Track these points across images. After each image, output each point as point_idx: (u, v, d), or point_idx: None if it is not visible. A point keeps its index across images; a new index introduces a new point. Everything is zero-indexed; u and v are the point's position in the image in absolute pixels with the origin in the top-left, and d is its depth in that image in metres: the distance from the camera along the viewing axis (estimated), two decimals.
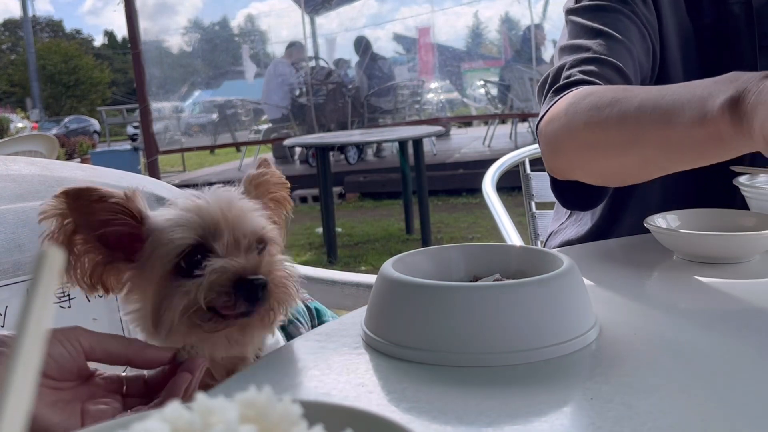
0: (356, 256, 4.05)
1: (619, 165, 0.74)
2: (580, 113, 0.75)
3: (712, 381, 0.44)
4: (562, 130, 0.77)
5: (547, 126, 0.80)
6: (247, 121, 8.01)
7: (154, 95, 6.59)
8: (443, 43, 8.28)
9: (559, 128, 0.78)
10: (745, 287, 0.64)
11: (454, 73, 8.18)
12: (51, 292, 0.20)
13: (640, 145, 0.69)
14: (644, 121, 0.67)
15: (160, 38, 7.68)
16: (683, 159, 0.68)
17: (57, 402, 0.48)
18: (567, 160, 0.80)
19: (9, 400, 0.18)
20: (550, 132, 0.79)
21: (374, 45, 7.68)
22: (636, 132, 0.68)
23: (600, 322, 0.53)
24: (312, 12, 8.54)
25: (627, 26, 0.86)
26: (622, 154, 0.72)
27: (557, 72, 0.84)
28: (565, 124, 0.77)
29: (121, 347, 0.50)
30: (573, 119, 0.75)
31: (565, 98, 0.78)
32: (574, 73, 0.82)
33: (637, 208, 0.96)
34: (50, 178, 0.84)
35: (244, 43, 8.50)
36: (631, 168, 0.74)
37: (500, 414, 0.41)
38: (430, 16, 8.16)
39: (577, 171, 0.81)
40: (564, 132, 0.77)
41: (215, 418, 0.25)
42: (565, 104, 0.77)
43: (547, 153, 0.81)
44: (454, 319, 0.48)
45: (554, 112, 0.79)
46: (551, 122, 0.79)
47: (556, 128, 0.78)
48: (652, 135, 0.67)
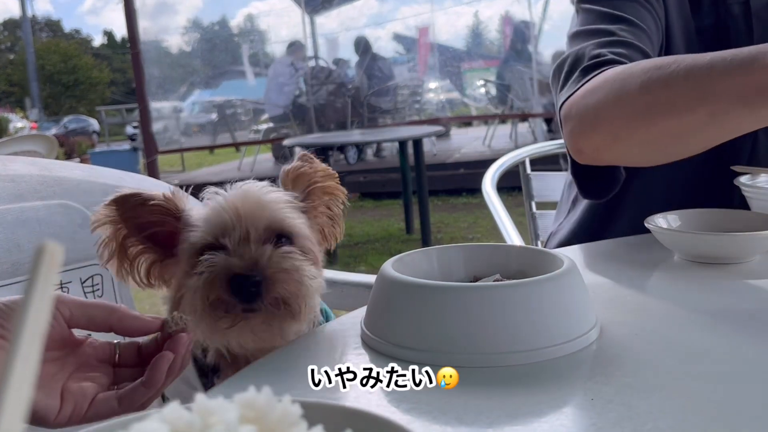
0: (356, 256, 4.05)
1: (680, 126, 0.70)
2: (635, 76, 0.71)
3: (713, 381, 0.44)
4: (607, 100, 0.73)
5: (581, 101, 0.76)
6: (247, 121, 8.01)
7: (153, 95, 6.59)
8: (443, 43, 8.28)
9: (602, 98, 0.73)
10: (746, 287, 0.64)
11: (454, 73, 8.18)
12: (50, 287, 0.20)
13: (711, 100, 0.66)
14: (718, 71, 0.65)
15: (159, 38, 7.68)
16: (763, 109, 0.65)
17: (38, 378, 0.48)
18: (607, 134, 0.75)
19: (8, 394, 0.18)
20: (589, 105, 0.75)
21: (374, 45, 7.68)
22: (708, 84, 0.66)
23: (600, 322, 0.53)
24: (312, 12, 8.54)
25: (644, 16, 0.85)
26: (688, 111, 0.68)
27: (578, 55, 0.81)
28: (612, 92, 0.72)
29: (104, 314, 0.49)
30: (624, 85, 0.71)
31: (606, 73, 0.74)
32: (603, 53, 0.79)
33: (635, 207, 0.96)
34: (49, 178, 0.84)
35: (243, 43, 8.50)
36: (694, 127, 0.70)
37: (500, 414, 0.41)
38: (430, 16, 8.17)
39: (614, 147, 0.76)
40: (610, 101, 0.73)
41: (215, 419, 0.25)
42: (608, 76, 0.74)
43: (581, 130, 0.77)
44: (454, 319, 0.48)
45: (593, 86, 0.75)
46: (587, 96, 0.75)
47: (597, 100, 0.74)
48: (729, 84, 0.64)
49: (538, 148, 1.44)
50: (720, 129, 0.70)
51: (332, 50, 8.64)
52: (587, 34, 0.84)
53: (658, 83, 0.69)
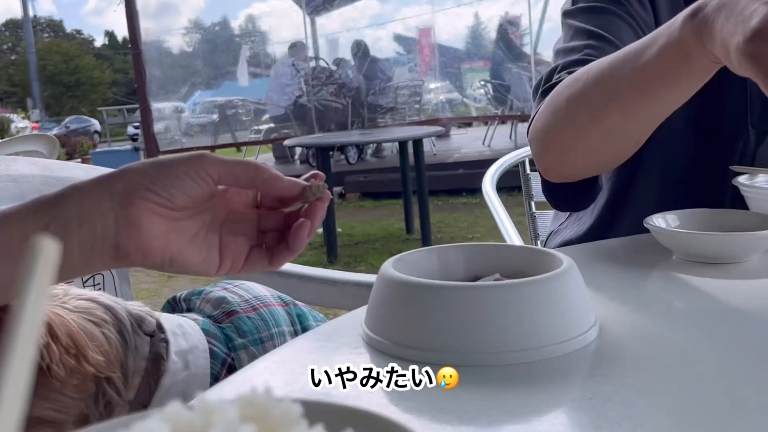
0: (356, 256, 4.05)
1: (605, 129, 0.73)
2: (560, 94, 0.75)
3: (712, 381, 0.44)
4: (547, 119, 0.77)
5: (535, 125, 0.80)
6: (248, 121, 8.02)
7: (154, 95, 6.60)
8: (444, 44, 8.29)
9: (544, 119, 0.78)
10: (745, 287, 0.64)
11: (454, 73, 8.18)
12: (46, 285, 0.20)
13: (618, 98, 0.69)
14: (617, 69, 0.67)
15: (160, 39, 7.68)
16: (659, 95, 0.67)
17: (195, 237, 0.50)
18: (557, 151, 0.80)
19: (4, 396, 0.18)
20: (538, 128, 0.79)
21: (375, 45, 7.70)
22: (612, 85, 0.68)
23: (600, 321, 0.53)
24: (313, 13, 8.55)
25: (620, 27, 0.86)
26: (604, 115, 0.71)
27: (549, 74, 0.85)
28: (549, 112, 0.77)
29: (249, 173, 0.49)
30: (555, 103, 0.75)
31: (550, 94, 0.79)
32: (563, 75, 0.82)
33: (636, 207, 0.96)
34: (51, 178, 0.84)
35: (244, 43, 8.50)
36: (617, 127, 0.73)
37: (500, 413, 0.41)
38: (430, 17, 8.17)
39: (567, 163, 0.80)
40: (549, 120, 0.77)
41: (215, 417, 0.25)
42: (550, 96, 0.78)
43: (538, 152, 0.81)
44: (454, 318, 0.48)
45: (542, 108, 0.80)
46: (537, 119, 0.80)
47: (542, 121, 0.78)
48: (626, 80, 0.66)
49: None
50: (640, 120, 0.72)
51: (333, 51, 8.65)
52: (563, 53, 0.87)
53: (575, 96, 0.73)
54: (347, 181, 6.11)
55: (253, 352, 0.71)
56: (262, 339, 0.73)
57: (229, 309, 0.74)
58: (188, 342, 0.68)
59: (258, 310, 0.76)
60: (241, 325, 0.73)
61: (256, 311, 0.75)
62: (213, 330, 0.72)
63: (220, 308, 0.75)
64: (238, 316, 0.74)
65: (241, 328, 0.73)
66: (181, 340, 0.67)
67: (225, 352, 0.71)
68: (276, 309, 0.78)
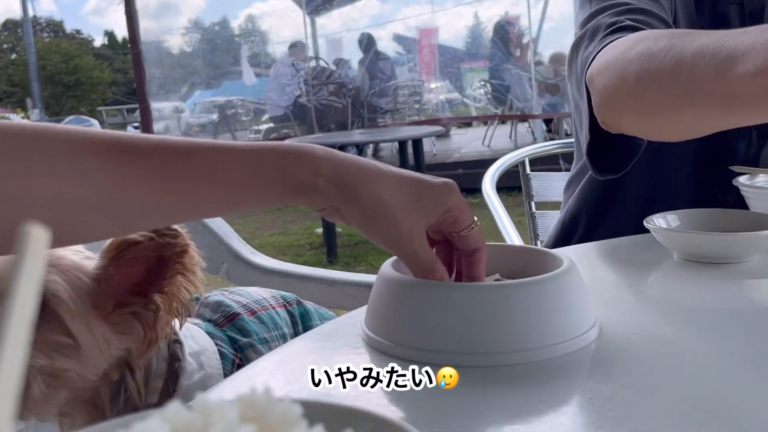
0: (356, 256, 4.05)
1: (678, 121, 0.67)
2: (631, 62, 0.67)
3: (713, 381, 0.44)
4: (613, 82, 0.70)
5: (598, 77, 0.73)
6: (248, 121, 8.01)
7: (154, 95, 6.60)
8: (444, 43, 8.28)
9: (610, 79, 0.70)
10: (745, 287, 0.64)
11: (454, 73, 8.17)
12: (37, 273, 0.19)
13: (696, 101, 0.62)
14: (700, 70, 0.60)
15: (160, 38, 7.68)
16: (743, 113, 0.61)
17: None
18: (617, 114, 0.73)
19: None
20: (601, 85, 0.72)
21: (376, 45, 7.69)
22: (691, 87, 0.62)
23: (600, 322, 0.53)
24: (313, 12, 8.54)
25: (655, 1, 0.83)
26: (678, 110, 0.65)
27: (596, 26, 0.78)
28: (617, 76, 0.69)
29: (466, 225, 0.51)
30: (625, 70, 0.68)
31: (615, 43, 0.71)
32: (621, 20, 0.75)
33: (632, 208, 0.96)
34: None
35: (244, 43, 8.50)
36: (687, 125, 0.68)
37: (500, 414, 0.41)
38: (431, 17, 8.16)
39: (632, 125, 0.73)
40: (615, 84, 0.70)
41: (215, 418, 0.25)
42: (616, 51, 0.70)
43: (600, 104, 0.73)
44: (453, 318, 0.48)
45: (604, 60, 0.72)
46: (602, 73, 0.72)
47: (606, 80, 0.71)
48: (710, 87, 0.60)
49: (538, 148, 1.44)
50: (714, 124, 0.67)
51: (333, 51, 8.65)
52: (600, 11, 0.81)
53: (648, 77, 0.65)
54: None
55: (260, 350, 0.71)
56: (267, 339, 0.74)
57: (229, 312, 0.75)
58: (198, 344, 0.68)
59: (257, 313, 0.76)
60: (244, 326, 0.73)
61: (255, 315, 0.76)
62: (217, 333, 0.72)
63: (220, 312, 0.75)
64: (240, 318, 0.74)
65: (244, 328, 0.73)
66: (191, 342, 0.68)
67: (232, 352, 0.71)
68: (276, 312, 0.78)
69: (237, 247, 1.12)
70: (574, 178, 1.07)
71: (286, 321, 0.79)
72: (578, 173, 1.05)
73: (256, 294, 0.80)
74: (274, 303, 0.80)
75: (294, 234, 4.83)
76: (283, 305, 0.81)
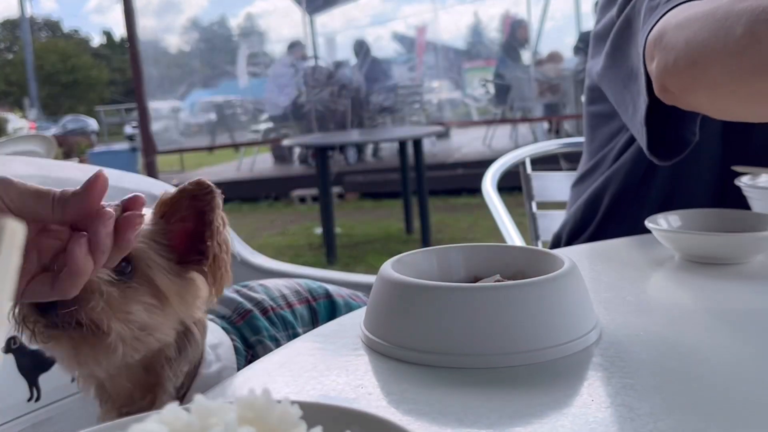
0: (356, 257, 4.04)
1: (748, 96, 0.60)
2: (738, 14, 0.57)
3: (713, 382, 0.44)
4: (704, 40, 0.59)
5: (675, 31, 0.63)
6: (246, 120, 8.01)
7: (152, 95, 6.59)
8: (444, 42, 8.29)
9: (698, 36, 0.60)
10: (746, 287, 0.63)
11: (455, 72, 8.18)
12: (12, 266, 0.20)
13: None
14: None
15: (158, 38, 7.68)
16: None
17: None
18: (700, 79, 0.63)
19: None
20: (681, 40, 0.62)
21: (375, 44, 7.71)
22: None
23: (601, 322, 0.53)
24: (312, 12, 8.54)
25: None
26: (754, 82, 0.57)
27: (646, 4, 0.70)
28: (711, 31, 0.59)
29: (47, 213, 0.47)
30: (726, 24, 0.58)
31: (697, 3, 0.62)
32: None
33: (635, 206, 0.95)
34: (48, 178, 0.84)
35: (243, 42, 8.50)
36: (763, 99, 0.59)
37: (500, 416, 0.41)
38: (431, 15, 8.17)
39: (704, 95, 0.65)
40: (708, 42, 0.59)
41: (214, 420, 0.25)
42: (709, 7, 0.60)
43: (667, 67, 0.64)
44: (454, 320, 0.48)
45: (690, 13, 0.62)
46: (683, 26, 0.62)
47: (692, 36, 0.61)
48: None
49: (539, 148, 1.44)
50: None
51: (332, 50, 8.65)
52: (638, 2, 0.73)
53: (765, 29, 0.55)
54: (347, 181, 6.11)
55: (269, 347, 0.72)
56: (276, 337, 0.74)
57: (242, 309, 0.75)
58: (215, 337, 0.69)
59: (268, 313, 0.76)
60: (255, 323, 0.74)
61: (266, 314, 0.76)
62: (231, 329, 0.73)
63: (233, 309, 0.76)
64: (253, 314, 0.75)
65: (255, 325, 0.74)
66: (209, 334, 0.68)
67: (245, 348, 0.72)
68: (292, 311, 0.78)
69: (236, 248, 1.12)
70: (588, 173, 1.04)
71: (303, 318, 0.78)
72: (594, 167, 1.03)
73: (275, 290, 0.80)
74: (294, 300, 0.80)
75: (293, 234, 4.83)
76: (306, 300, 0.80)
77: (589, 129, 1.06)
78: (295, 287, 0.82)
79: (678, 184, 0.95)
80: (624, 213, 0.98)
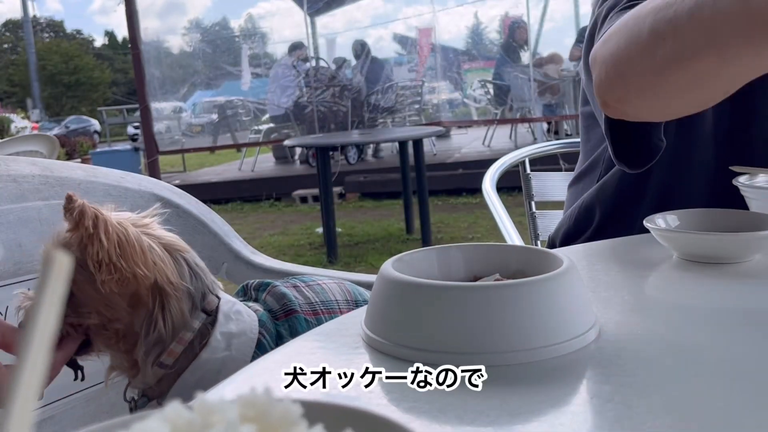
0: (356, 256, 4.05)
1: (694, 76, 0.61)
2: (640, 18, 0.62)
3: (713, 381, 0.44)
4: (620, 48, 0.64)
5: (601, 48, 0.67)
6: (248, 121, 8.01)
7: (154, 95, 6.59)
8: (445, 43, 8.28)
9: (616, 46, 0.64)
10: (745, 287, 0.64)
11: (455, 73, 8.17)
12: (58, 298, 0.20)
13: (720, 39, 0.56)
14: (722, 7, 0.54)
15: (160, 38, 7.68)
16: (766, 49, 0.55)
17: None
18: (625, 88, 0.67)
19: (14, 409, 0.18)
20: (606, 54, 0.66)
21: (376, 45, 7.70)
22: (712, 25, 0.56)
23: (600, 322, 0.53)
24: (313, 13, 8.54)
25: None
26: (697, 59, 0.59)
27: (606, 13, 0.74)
28: (625, 38, 0.63)
29: None
30: (635, 28, 0.62)
31: (624, 15, 0.66)
32: (633, 3, 0.70)
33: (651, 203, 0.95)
34: (51, 178, 0.84)
35: (244, 43, 8.49)
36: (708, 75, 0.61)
37: (500, 414, 0.41)
38: (432, 16, 8.16)
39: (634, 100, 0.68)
40: (623, 49, 0.63)
41: (215, 418, 0.25)
42: (625, 17, 0.65)
43: (599, 82, 0.68)
44: (453, 319, 0.48)
45: (612, 30, 0.66)
46: (606, 42, 0.66)
47: (613, 47, 0.65)
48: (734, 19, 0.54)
49: (538, 148, 1.44)
50: (741, 68, 0.60)
51: (333, 51, 8.64)
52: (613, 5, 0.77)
53: (664, 26, 0.59)
54: (347, 181, 6.11)
55: None
56: None
57: (289, 307, 0.75)
58: (238, 327, 0.70)
59: (318, 315, 0.76)
60: (296, 325, 0.74)
61: (315, 316, 0.75)
62: (268, 324, 0.73)
63: (281, 304, 0.76)
64: (296, 316, 0.74)
65: (295, 328, 0.74)
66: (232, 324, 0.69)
67: (272, 347, 0.72)
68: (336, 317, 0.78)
69: (237, 247, 1.12)
70: (584, 173, 1.05)
71: None
72: (589, 167, 1.04)
73: (330, 293, 0.80)
74: (343, 306, 0.79)
75: (294, 234, 4.83)
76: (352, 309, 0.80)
77: (584, 129, 1.06)
78: (344, 293, 0.82)
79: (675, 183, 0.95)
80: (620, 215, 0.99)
